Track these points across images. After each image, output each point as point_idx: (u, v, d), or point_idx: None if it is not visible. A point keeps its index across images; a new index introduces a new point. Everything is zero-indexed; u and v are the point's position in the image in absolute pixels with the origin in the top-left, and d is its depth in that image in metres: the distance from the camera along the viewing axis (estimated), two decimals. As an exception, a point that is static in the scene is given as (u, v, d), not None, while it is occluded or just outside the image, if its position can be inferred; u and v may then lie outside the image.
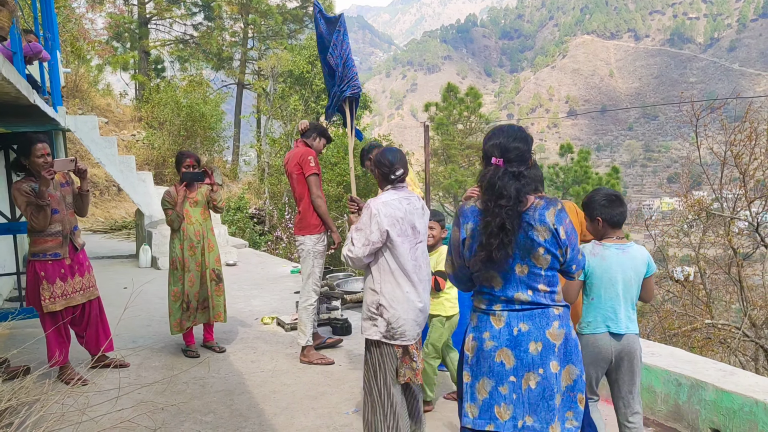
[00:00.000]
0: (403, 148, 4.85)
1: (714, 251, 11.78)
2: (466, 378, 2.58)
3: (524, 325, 2.47)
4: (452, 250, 2.64)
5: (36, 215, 4.53)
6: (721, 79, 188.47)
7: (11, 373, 4.71)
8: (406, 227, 3.32)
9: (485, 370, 2.52)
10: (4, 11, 3.36)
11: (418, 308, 3.32)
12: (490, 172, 2.46)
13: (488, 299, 2.56)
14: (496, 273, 2.49)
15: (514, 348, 2.47)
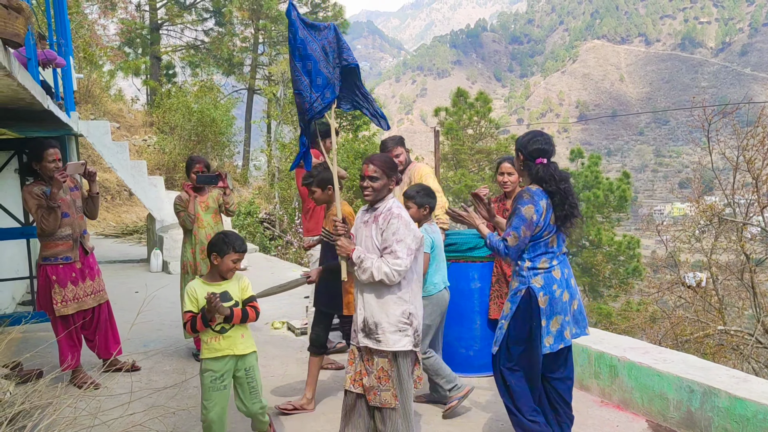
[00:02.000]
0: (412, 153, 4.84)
1: (726, 257, 11.70)
2: (543, 323, 3.43)
3: (566, 269, 3.57)
4: (526, 224, 3.39)
5: (46, 218, 4.57)
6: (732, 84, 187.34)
7: (24, 377, 4.74)
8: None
9: (558, 310, 3.46)
10: (20, 18, 3.40)
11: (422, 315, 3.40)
12: (543, 169, 3.48)
13: (550, 257, 3.50)
14: (556, 235, 3.49)
15: (567, 287, 3.52)
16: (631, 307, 16.61)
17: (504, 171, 4.83)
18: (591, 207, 22.81)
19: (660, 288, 12.50)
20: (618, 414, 4.32)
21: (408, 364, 3.28)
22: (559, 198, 3.43)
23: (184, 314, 3.56)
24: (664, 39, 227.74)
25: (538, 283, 3.45)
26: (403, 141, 5.40)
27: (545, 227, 3.43)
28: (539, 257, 3.48)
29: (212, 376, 3.54)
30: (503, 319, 3.59)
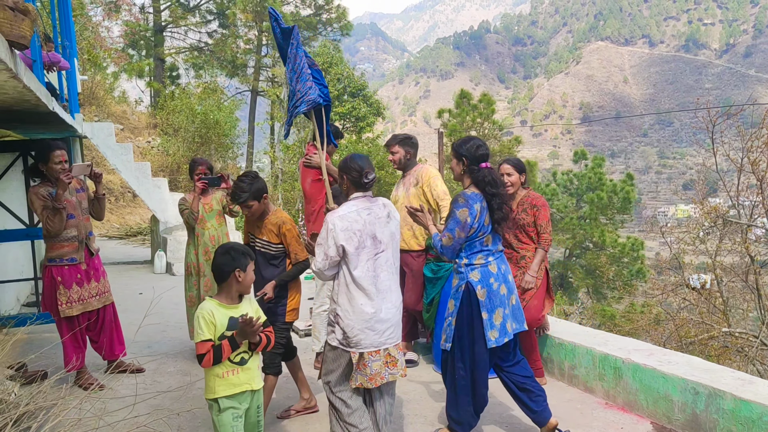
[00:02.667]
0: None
1: (731, 259, 11.66)
2: (485, 316, 3.67)
3: (503, 265, 3.83)
4: (460, 227, 3.64)
5: (52, 218, 4.58)
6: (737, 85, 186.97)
7: (29, 378, 4.75)
8: (364, 239, 3.36)
9: (497, 303, 3.71)
10: (26, 20, 3.41)
11: (374, 318, 3.37)
12: (489, 173, 3.74)
13: (485, 254, 3.75)
14: (491, 234, 3.75)
15: (505, 281, 3.78)
16: (634, 309, 16.58)
17: (504, 172, 4.86)
18: (594, 209, 22.77)
19: (664, 290, 12.47)
20: (623, 416, 4.31)
21: (332, 360, 3.45)
22: (497, 201, 3.70)
23: (200, 344, 2.98)
24: (667, 40, 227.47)
25: (476, 277, 3.72)
26: (408, 142, 5.40)
27: (479, 228, 3.68)
28: (475, 254, 3.75)
29: (234, 414, 3.08)
30: (449, 316, 3.79)
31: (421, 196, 5.30)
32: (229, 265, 3.05)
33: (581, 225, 22.39)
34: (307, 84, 4.61)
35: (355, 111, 25.20)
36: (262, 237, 4.09)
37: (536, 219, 4.78)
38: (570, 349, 4.88)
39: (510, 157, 5.14)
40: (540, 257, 4.79)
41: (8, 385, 4.28)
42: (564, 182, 24.47)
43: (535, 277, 4.75)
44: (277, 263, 4.13)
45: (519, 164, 4.93)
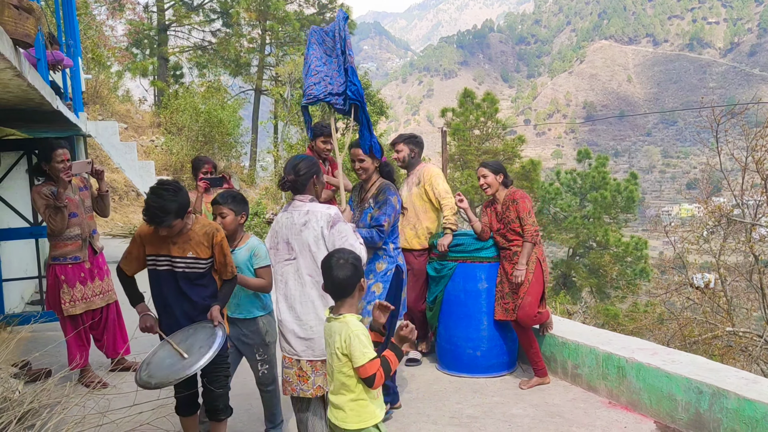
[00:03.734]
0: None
1: (735, 258, 11.64)
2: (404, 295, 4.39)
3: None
4: (395, 212, 4.09)
5: (54, 217, 4.60)
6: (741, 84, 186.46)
7: (33, 376, 4.77)
8: (278, 242, 3.41)
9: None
10: (30, 18, 3.42)
11: (281, 323, 3.46)
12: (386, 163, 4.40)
13: (397, 239, 4.24)
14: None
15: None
16: (638, 309, 16.55)
17: (479, 174, 4.98)
18: (598, 208, 22.73)
19: (668, 289, 12.46)
20: (626, 415, 4.31)
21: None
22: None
23: (370, 364, 2.55)
24: (672, 39, 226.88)
25: (402, 260, 4.21)
26: (413, 140, 5.42)
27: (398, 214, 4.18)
28: (396, 239, 4.22)
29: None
30: (378, 298, 3.93)
31: (423, 196, 5.31)
32: (356, 276, 2.72)
33: (585, 224, 22.35)
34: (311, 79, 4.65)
35: (358, 110, 25.18)
36: (185, 254, 3.34)
37: (518, 213, 4.78)
38: (573, 348, 4.87)
39: (487, 161, 5.16)
40: (527, 250, 4.78)
41: (12, 383, 4.30)
42: (567, 181, 24.41)
43: (523, 270, 4.75)
44: (206, 282, 3.43)
45: (495, 165, 5.00)
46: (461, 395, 4.70)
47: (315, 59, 4.70)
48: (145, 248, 3.41)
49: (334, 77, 4.67)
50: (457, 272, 5.05)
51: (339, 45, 4.69)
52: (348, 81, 4.62)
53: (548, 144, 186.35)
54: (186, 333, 3.40)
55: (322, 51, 4.77)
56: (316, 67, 4.69)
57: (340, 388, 2.65)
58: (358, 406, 2.64)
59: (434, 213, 5.38)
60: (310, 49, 4.75)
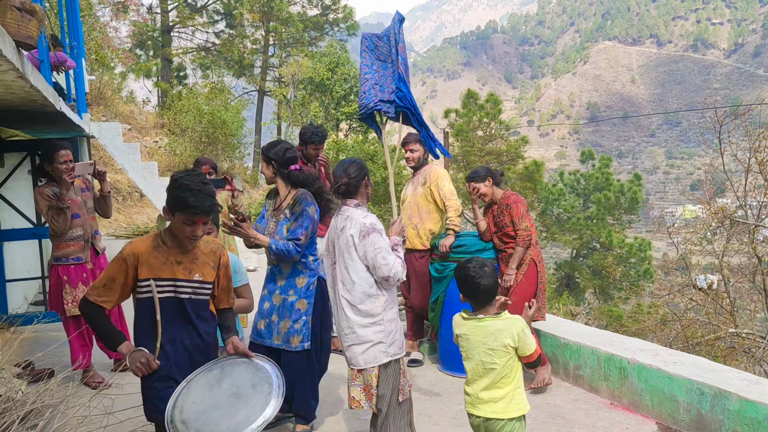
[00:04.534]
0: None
1: (738, 259, 11.61)
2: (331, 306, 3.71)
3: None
4: (313, 223, 3.80)
5: (56, 218, 4.62)
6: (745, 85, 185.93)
7: (36, 376, 4.78)
8: (328, 244, 3.46)
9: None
10: (33, 20, 3.44)
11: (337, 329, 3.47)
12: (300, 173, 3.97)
13: (316, 249, 3.96)
14: None
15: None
16: (641, 310, 16.52)
17: (470, 189, 5.04)
18: (602, 209, 22.69)
19: (671, 290, 12.43)
20: (628, 416, 4.30)
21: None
22: (318, 196, 3.91)
23: (536, 350, 2.92)
24: (675, 40, 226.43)
25: (323, 271, 3.84)
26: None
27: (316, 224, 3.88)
28: (315, 251, 3.95)
29: None
30: (304, 315, 3.83)
31: (428, 196, 5.31)
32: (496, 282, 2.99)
33: (588, 225, 22.31)
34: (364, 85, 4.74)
35: (361, 111, 25.18)
36: (191, 277, 2.84)
37: (511, 217, 4.80)
38: (575, 349, 4.87)
39: (470, 174, 5.15)
40: (518, 254, 4.81)
41: (15, 383, 4.31)
42: (571, 182, 24.38)
43: (512, 275, 4.79)
44: (207, 315, 2.96)
45: (480, 173, 5.03)
46: (463, 396, 4.70)
47: (365, 67, 4.75)
48: (137, 272, 2.77)
49: (386, 83, 4.65)
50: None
51: (393, 49, 4.68)
52: (396, 89, 4.62)
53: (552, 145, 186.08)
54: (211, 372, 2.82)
55: (374, 57, 4.78)
56: (365, 75, 4.73)
57: (497, 383, 2.89)
58: (518, 395, 2.91)
59: (438, 214, 5.38)
60: (361, 57, 4.85)
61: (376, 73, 4.72)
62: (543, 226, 22.62)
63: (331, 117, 23.85)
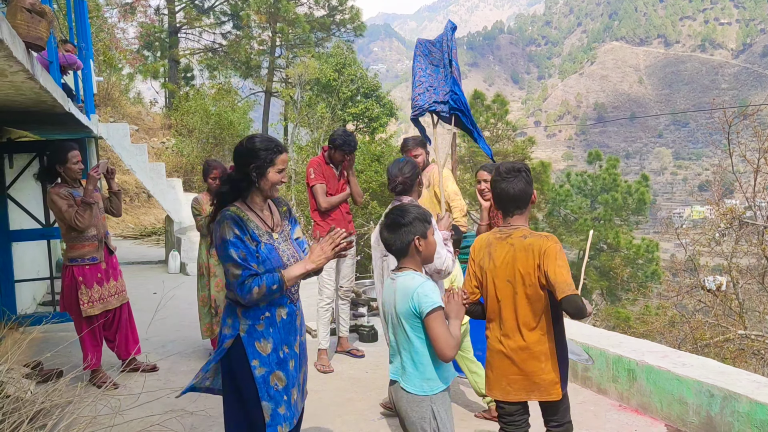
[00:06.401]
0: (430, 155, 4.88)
1: (747, 260, 11.55)
2: None
3: None
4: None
5: (82, 214, 4.65)
6: (754, 86, 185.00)
7: (45, 376, 4.81)
8: (377, 238, 3.53)
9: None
10: (42, 22, 3.45)
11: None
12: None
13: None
14: None
15: None
16: (649, 312, 16.45)
17: (480, 178, 4.92)
18: (609, 210, 22.64)
19: (679, 291, 12.37)
20: (636, 418, 4.28)
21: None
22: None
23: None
24: (683, 40, 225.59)
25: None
26: (425, 143, 5.41)
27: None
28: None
29: None
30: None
31: (433, 198, 5.30)
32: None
33: (595, 226, 22.26)
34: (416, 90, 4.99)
35: (368, 112, 25.20)
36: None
37: None
38: (583, 350, 4.85)
39: (486, 164, 5.13)
40: None
41: (24, 383, 4.33)
42: (578, 183, 24.34)
43: None
44: None
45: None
46: (468, 396, 4.69)
47: (419, 70, 4.96)
48: None
49: (440, 86, 4.84)
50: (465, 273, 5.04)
51: (446, 54, 4.85)
52: (450, 91, 4.79)
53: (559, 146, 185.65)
54: None
55: (428, 62, 4.98)
56: (420, 78, 4.92)
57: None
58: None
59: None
60: (415, 61, 5.05)
61: (429, 77, 4.89)
62: (550, 227, 22.58)
63: (338, 118, 23.85)
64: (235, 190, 2.71)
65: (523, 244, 2.82)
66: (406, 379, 2.57)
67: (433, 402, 2.52)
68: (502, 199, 2.90)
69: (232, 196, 2.71)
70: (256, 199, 2.74)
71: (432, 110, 4.90)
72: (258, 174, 2.68)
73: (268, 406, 2.60)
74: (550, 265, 2.71)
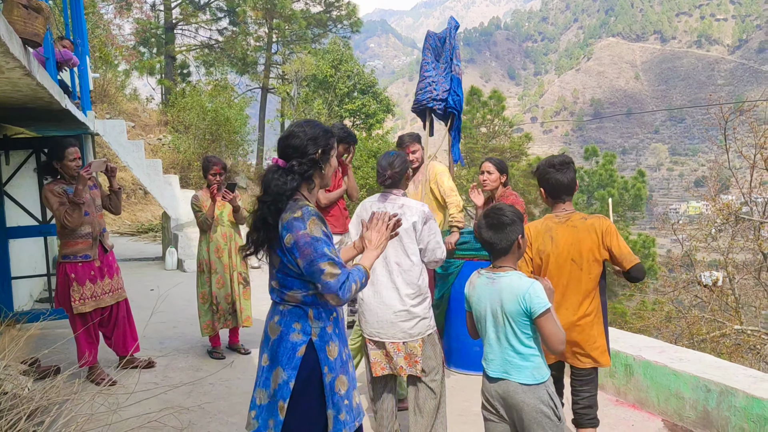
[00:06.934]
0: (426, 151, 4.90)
1: (743, 256, 11.59)
2: None
3: (269, 313, 2.61)
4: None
5: (71, 214, 4.63)
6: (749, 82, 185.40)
7: (42, 373, 4.81)
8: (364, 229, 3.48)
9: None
10: (39, 18, 3.44)
11: (365, 306, 3.55)
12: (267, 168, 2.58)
13: None
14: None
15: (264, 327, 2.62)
16: (646, 307, 16.50)
17: (484, 170, 4.94)
18: (606, 206, 22.66)
19: (676, 287, 12.41)
20: (633, 413, 4.30)
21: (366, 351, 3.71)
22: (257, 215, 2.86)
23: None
24: (679, 36, 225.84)
25: None
26: (420, 138, 5.41)
27: None
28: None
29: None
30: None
31: (429, 194, 5.30)
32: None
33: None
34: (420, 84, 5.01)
35: (365, 108, 25.21)
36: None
37: None
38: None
39: (493, 157, 5.15)
40: None
41: (22, 380, 4.32)
42: (575, 179, 24.33)
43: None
44: None
45: (501, 164, 4.99)
46: (468, 393, 4.70)
47: (426, 65, 5.07)
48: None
49: (440, 83, 4.85)
50: (464, 270, 5.05)
51: (448, 52, 4.86)
52: (452, 90, 4.80)
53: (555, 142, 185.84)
54: None
55: (434, 56, 5.01)
56: (425, 72, 4.98)
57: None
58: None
59: (440, 211, 5.37)
60: (424, 53, 5.08)
61: (434, 71, 4.92)
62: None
63: (335, 114, 23.84)
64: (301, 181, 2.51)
65: (585, 225, 3.21)
66: (517, 373, 2.66)
67: (547, 386, 2.67)
68: (556, 188, 3.30)
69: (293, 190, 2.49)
70: (305, 192, 2.56)
71: (429, 106, 4.92)
72: (323, 160, 2.54)
73: (332, 414, 2.51)
74: (614, 242, 3.16)
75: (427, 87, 4.90)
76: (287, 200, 2.46)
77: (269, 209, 2.45)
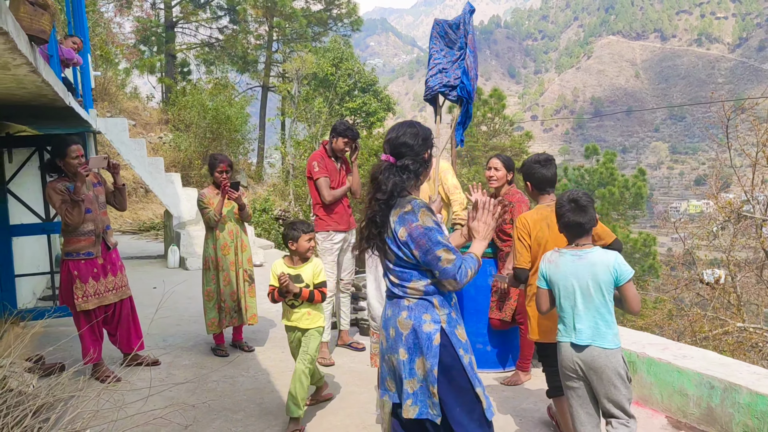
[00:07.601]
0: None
1: (745, 254, 11.60)
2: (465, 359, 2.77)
3: (389, 310, 2.72)
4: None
5: (71, 212, 4.63)
6: (750, 80, 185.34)
7: (47, 370, 4.82)
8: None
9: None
10: (45, 15, 3.44)
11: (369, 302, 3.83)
12: (377, 167, 2.71)
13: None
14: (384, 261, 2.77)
15: (384, 329, 2.75)
16: (647, 305, 16.51)
17: (491, 166, 4.88)
18: (606, 204, 22.67)
19: (678, 285, 12.42)
20: (637, 410, 4.30)
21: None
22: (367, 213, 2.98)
23: (269, 286, 4.20)
24: (680, 34, 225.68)
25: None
26: None
27: None
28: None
29: (288, 338, 4.32)
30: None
31: (433, 191, 5.31)
32: (285, 237, 4.13)
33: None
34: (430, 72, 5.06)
35: (365, 106, 25.19)
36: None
37: (512, 216, 4.69)
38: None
39: (501, 154, 5.13)
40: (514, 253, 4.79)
41: (27, 377, 4.34)
42: (575, 178, 24.36)
43: (505, 277, 4.71)
44: None
45: (508, 161, 4.92)
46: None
47: (435, 52, 5.02)
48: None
49: (452, 69, 4.84)
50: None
51: (462, 38, 4.85)
52: (463, 75, 4.82)
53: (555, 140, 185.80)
54: None
55: (444, 43, 5.02)
56: (434, 60, 4.97)
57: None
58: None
59: (444, 208, 5.38)
60: (431, 42, 5.08)
61: (444, 59, 4.90)
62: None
63: (336, 113, 23.82)
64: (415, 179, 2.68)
65: None
66: (601, 339, 3.01)
67: (621, 351, 3.05)
68: (542, 181, 3.77)
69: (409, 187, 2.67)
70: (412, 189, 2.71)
71: (441, 92, 4.93)
72: (429, 160, 2.76)
73: (480, 392, 2.63)
74: (598, 225, 3.37)
75: (438, 74, 4.90)
76: (398, 197, 2.62)
77: (381, 207, 2.62)
